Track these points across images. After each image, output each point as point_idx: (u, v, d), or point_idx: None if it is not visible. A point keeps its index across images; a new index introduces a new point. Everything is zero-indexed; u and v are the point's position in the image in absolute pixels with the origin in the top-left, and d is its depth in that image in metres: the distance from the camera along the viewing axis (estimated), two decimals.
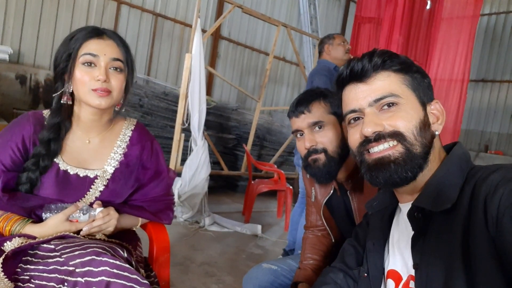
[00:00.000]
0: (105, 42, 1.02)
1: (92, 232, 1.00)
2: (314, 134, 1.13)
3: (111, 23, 5.27)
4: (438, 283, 0.66)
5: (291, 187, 3.99)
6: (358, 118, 0.78)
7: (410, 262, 0.74)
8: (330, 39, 2.75)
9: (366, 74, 0.75)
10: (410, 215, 0.72)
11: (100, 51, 1.00)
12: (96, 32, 1.02)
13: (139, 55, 5.62)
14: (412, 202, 0.73)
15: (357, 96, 0.76)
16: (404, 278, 0.77)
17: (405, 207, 0.79)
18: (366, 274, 0.86)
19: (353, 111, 0.77)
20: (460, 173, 0.70)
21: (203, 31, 4.65)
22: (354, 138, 0.78)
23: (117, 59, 1.02)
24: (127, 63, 1.06)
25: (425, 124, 0.73)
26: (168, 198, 1.22)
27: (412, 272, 0.73)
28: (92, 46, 1.00)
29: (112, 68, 1.02)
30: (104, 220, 1.00)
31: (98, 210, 1.00)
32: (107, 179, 1.08)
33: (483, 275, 0.61)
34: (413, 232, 0.73)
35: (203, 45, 3.56)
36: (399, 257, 0.79)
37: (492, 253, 0.60)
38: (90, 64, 1.00)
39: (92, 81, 0.99)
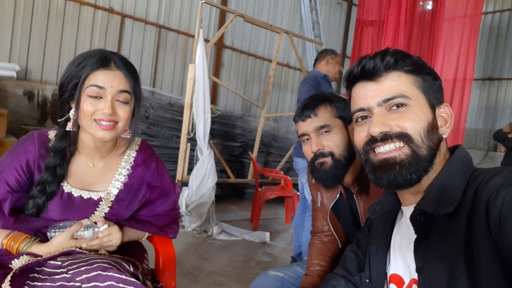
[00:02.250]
0: (113, 73, 0.99)
1: (93, 248, 1.01)
2: (321, 138, 1.13)
3: (116, 37, 5.35)
4: (441, 286, 0.66)
5: (298, 193, 3.97)
6: (366, 116, 0.77)
7: (412, 265, 0.73)
8: (333, 54, 2.93)
9: (377, 73, 0.74)
10: (413, 218, 0.72)
11: (107, 83, 0.97)
12: (103, 62, 0.99)
13: (144, 67, 5.69)
14: (414, 205, 0.72)
15: (366, 94, 0.75)
16: (406, 282, 0.77)
17: (407, 210, 0.79)
18: (368, 280, 0.85)
19: (362, 109, 0.77)
20: (462, 176, 0.70)
21: (206, 41, 4.70)
22: (360, 137, 0.78)
23: (124, 91, 1.00)
24: (135, 93, 1.03)
25: (433, 127, 0.72)
26: (174, 213, 1.23)
27: (415, 275, 0.72)
28: (99, 78, 0.97)
29: (118, 100, 1.00)
30: (103, 240, 1.01)
31: (102, 227, 1.01)
32: (111, 200, 1.09)
33: (486, 277, 0.60)
34: (415, 236, 0.72)
35: (207, 54, 3.59)
36: (400, 261, 0.79)
37: (495, 256, 0.60)
38: (96, 96, 0.98)
39: (97, 112, 0.97)
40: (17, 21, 4.58)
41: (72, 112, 1.01)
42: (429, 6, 6.23)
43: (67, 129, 1.02)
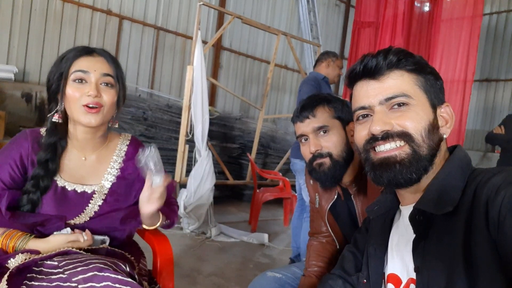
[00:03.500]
0: (95, 59, 1.04)
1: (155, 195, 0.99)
2: (319, 139, 1.13)
3: (114, 39, 5.35)
4: (440, 286, 0.66)
5: (296, 194, 3.97)
6: (367, 115, 0.77)
7: (410, 265, 0.73)
8: (334, 57, 2.94)
9: (379, 71, 0.74)
10: (412, 218, 0.72)
11: (91, 67, 1.02)
12: (86, 50, 1.04)
13: (142, 68, 5.69)
14: (413, 204, 0.72)
15: (368, 93, 0.75)
16: (404, 281, 0.77)
17: (406, 210, 0.79)
18: (365, 280, 0.85)
19: (363, 108, 0.76)
20: (462, 176, 0.70)
21: (205, 42, 4.70)
22: (361, 135, 0.77)
23: (108, 75, 1.04)
24: (118, 79, 1.07)
25: (433, 127, 0.72)
26: (172, 198, 1.24)
27: (412, 275, 0.72)
28: (82, 63, 1.02)
29: (103, 84, 1.03)
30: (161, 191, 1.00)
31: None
32: (105, 193, 1.10)
33: (485, 277, 0.60)
34: (413, 235, 0.72)
35: (205, 56, 3.59)
36: (398, 260, 0.79)
37: (494, 256, 0.60)
38: (81, 80, 1.01)
39: (84, 96, 1.00)
40: (15, 23, 4.58)
41: (59, 104, 1.03)
42: (426, 8, 6.26)
43: (53, 120, 1.04)
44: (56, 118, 1.04)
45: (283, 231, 3.97)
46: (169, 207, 1.21)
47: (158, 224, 1.16)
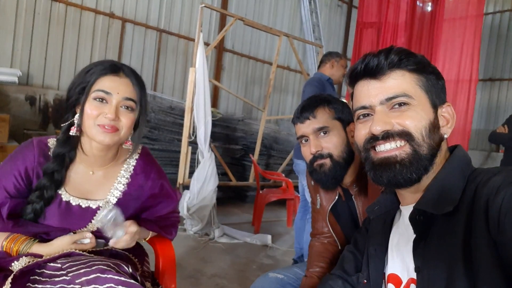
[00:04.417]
0: (120, 80, 1.01)
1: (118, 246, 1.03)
2: (320, 140, 1.14)
3: (117, 41, 5.37)
4: (440, 285, 0.66)
5: (299, 195, 3.97)
6: (368, 114, 0.77)
7: (411, 265, 0.73)
8: (338, 57, 2.92)
9: (380, 71, 0.74)
10: (412, 218, 0.72)
11: (114, 89, 0.99)
12: (112, 69, 1.01)
13: (145, 71, 5.70)
14: (413, 204, 0.72)
15: (369, 92, 0.75)
16: (404, 281, 0.77)
17: (406, 210, 0.79)
18: (365, 280, 0.85)
19: (364, 107, 0.77)
20: (462, 176, 0.70)
21: (207, 44, 4.72)
22: (361, 134, 0.78)
23: (130, 99, 1.00)
24: (140, 102, 1.04)
25: (434, 126, 0.72)
26: (174, 215, 1.24)
27: (413, 275, 0.72)
28: (106, 83, 0.99)
29: (123, 107, 1.00)
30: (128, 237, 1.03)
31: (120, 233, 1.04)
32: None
33: (485, 277, 0.60)
34: (414, 235, 0.72)
35: (207, 58, 3.60)
36: (398, 260, 0.79)
37: (494, 255, 0.60)
38: (101, 100, 0.98)
39: (101, 116, 0.98)
40: (18, 26, 4.61)
41: (76, 117, 1.01)
42: (429, 8, 6.25)
43: (71, 133, 1.02)
44: (73, 131, 1.01)
45: (286, 232, 3.96)
46: (166, 224, 1.20)
47: (149, 236, 1.17)
